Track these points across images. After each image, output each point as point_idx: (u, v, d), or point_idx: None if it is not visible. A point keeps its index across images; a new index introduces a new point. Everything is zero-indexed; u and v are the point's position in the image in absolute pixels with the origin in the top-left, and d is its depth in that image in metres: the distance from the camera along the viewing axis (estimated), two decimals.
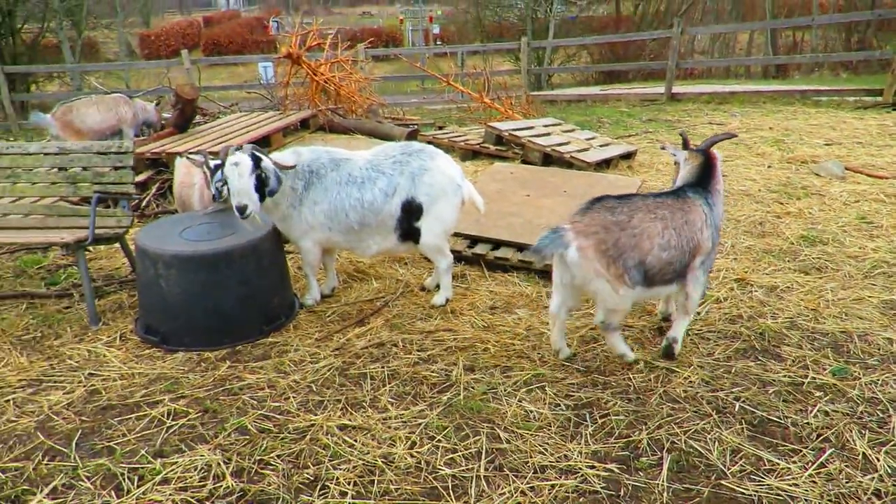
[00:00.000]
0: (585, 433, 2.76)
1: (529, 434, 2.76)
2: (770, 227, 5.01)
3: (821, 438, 2.69)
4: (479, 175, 6.09)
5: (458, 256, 4.43)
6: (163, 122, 7.47)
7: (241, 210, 3.39)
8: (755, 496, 2.39)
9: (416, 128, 8.29)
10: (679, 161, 3.44)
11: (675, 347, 3.28)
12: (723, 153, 4.57)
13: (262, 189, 3.48)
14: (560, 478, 2.50)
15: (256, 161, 3.44)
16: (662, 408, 2.91)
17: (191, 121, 7.08)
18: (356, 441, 2.73)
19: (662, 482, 2.46)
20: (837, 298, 3.85)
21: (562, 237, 2.88)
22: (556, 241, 2.88)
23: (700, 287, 3.19)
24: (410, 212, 3.74)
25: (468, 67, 13.88)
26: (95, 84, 14.32)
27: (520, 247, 4.47)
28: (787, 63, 19.30)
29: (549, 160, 6.82)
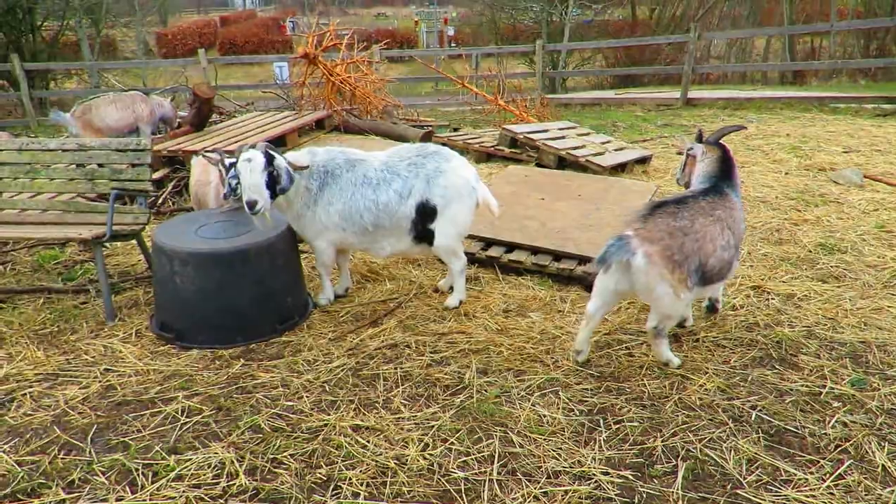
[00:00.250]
0: (599, 439, 2.74)
1: (543, 439, 2.74)
2: (787, 235, 4.96)
3: (839, 450, 2.65)
4: (494, 178, 6.09)
5: (472, 259, 4.43)
6: (179, 121, 7.52)
7: (252, 205, 3.40)
8: None
9: (431, 129, 8.30)
10: (696, 154, 3.52)
11: (718, 305, 3.73)
12: (739, 159, 4.55)
13: (274, 186, 3.49)
14: (574, 483, 2.49)
15: (269, 158, 3.45)
16: (677, 415, 2.88)
17: (207, 119, 7.14)
18: (369, 442, 2.73)
19: (677, 490, 2.44)
20: (856, 308, 3.80)
21: (628, 244, 2.91)
22: (623, 249, 2.90)
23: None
24: (425, 214, 3.73)
25: (482, 70, 13.86)
26: (113, 82, 14.47)
27: (534, 250, 4.46)
28: (805, 69, 19.12)
29: (564, 164, 6.80)
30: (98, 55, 19.55)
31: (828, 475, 2.50)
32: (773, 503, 2.37)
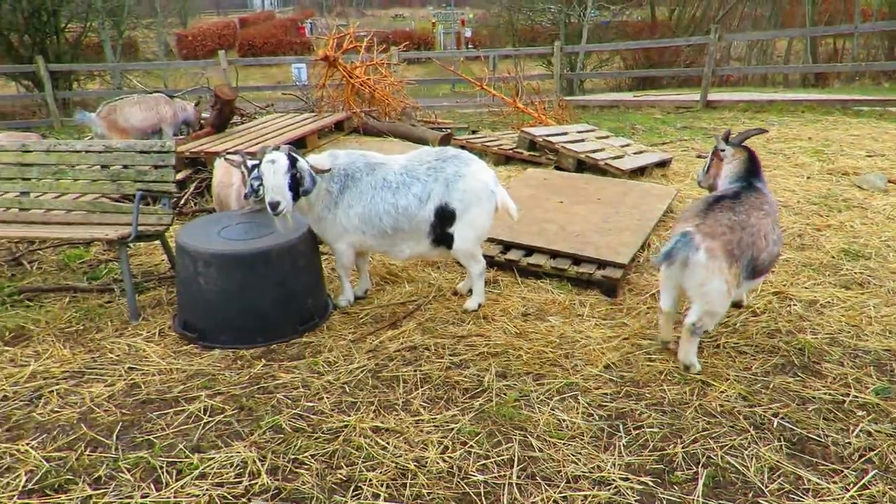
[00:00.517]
0: (619, 444, 2.74)
1: (562, 443, 2.74)
2: (810, 240, 4.91)
3: (863, 459, 2.62)
4: (513, 180, 6.09)
5: (491, 262, 4.43)
6: (201, 122, 7.62)
7: (274, 206, 3.44)
8: None
9: (450, 131, 8.32)
10: (725, 155, 3.60)
11: (744, 302, 3.87)
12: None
13: (297, 188, 3.53)
14: (593, 489, 2.49)
15: (292, 161, 3.49)
16: (698, 421, 2.87)
17: (228, 121, 7.21)
18: (388, 443, 2.75)
19: (698, 498, 2.43)
20: (880, 315, 3.75)
21: (691, 240, 2.98)
22: (687, 245, 2.98)
23: None
24: (444, 217, 3.75)
25: (500, 71, 13.86)
26: (135, 83, 14.66)
27: (553, 253, 4.45)
28: (827, 71, 18.89)
29: (583, 167, 6.78)
30: (120, 57, 19.85)
31: (852, 485, 2.48)
32: None
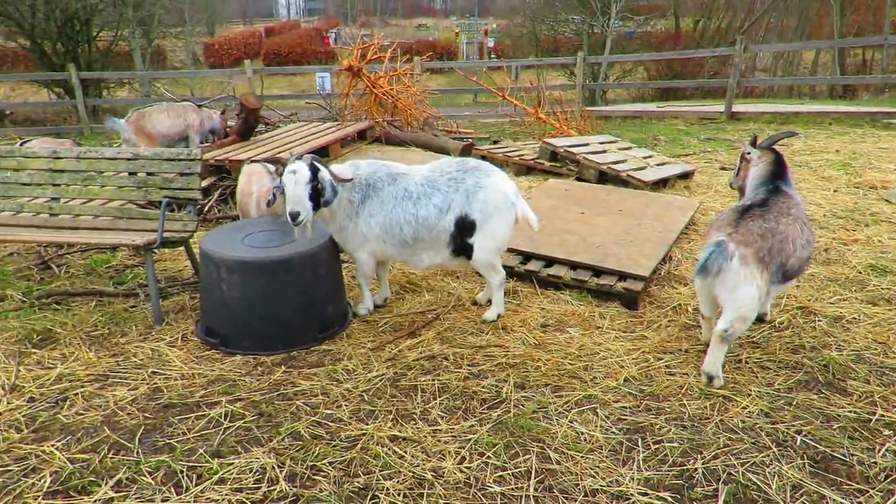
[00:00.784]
0: (638, 459, 2.71)
1: (580, 456, 2.73)
2: (836, 255, 4.83)
3: (889, 479, 2.56)
4: (534, 191, 6.08)
5: (511, 272, 4.43)
6: (227, 130, 7.75)
7: (294, 217, 3.48)
8: None
9: (471, 141, 8.34)
10: (752, 158, 3.64)
11: (766, 316, 3.87)
12: None
13: (317, 199, 3.57)
14: (611, 503, 2.46)
15: (314, 171, 3.53)
16: (719, 437, 2.83)
17: (253, 129, 7.32)
18: (406, 452, 2.75)
19: None
20: None
21: (725, 249, 3.04)
22: (723, 254, 3.03)
23: None
24: (464, 228, 3.76)
25: (522, 81, 13.87)
26: (163, 91, 14.95)
27: (573, 265, 4.44)
28: (856, 83, 18.59)
29: (605, 178, 6.76)
30: (149, 65, 20.25)
31: None
32: None
